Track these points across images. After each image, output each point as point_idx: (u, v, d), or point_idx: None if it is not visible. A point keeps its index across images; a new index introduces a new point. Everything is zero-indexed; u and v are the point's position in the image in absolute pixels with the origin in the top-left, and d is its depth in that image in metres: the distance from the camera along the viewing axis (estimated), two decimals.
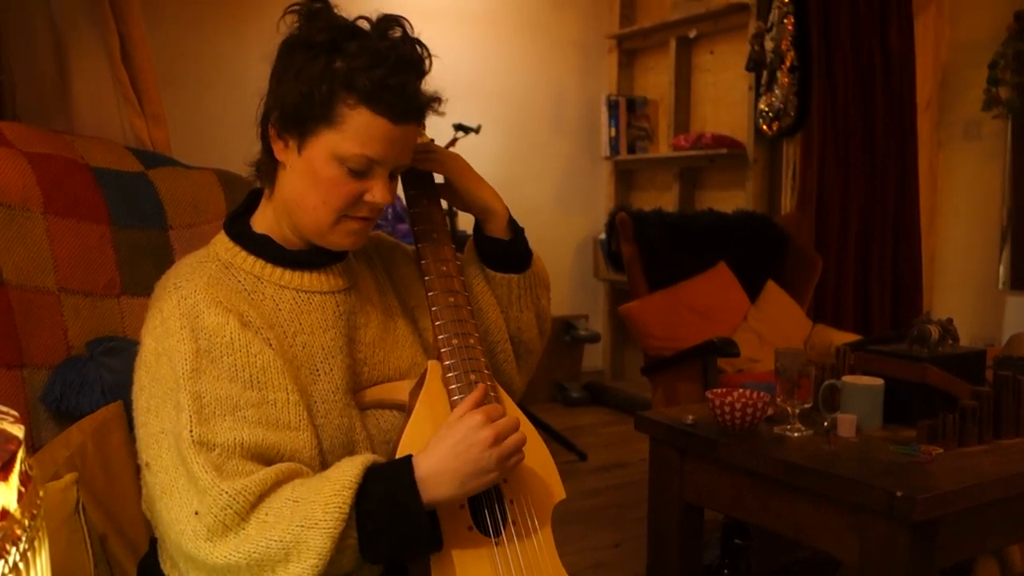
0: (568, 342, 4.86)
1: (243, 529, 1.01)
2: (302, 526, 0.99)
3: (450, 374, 1.16)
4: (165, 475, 1.06)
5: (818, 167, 3.79)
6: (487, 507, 1.10)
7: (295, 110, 1.11)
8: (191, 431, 1.04)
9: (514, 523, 1.11)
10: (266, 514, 1.01)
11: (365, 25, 1.14)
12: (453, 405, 1.14)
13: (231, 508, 1.01)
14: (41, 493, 0.65)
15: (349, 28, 1.13)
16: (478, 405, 1.10)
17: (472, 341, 1.19)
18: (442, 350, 1.18)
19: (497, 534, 1.09)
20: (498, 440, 1.05)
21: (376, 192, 1.14)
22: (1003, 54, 3.77)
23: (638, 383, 4.70)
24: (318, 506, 1.00)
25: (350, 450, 1.16)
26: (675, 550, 1.94)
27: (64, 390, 1.49)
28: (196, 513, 1.02)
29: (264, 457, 1.06)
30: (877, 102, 3.89)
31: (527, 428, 1.18)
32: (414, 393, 1.17)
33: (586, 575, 2.63)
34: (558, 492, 1.16)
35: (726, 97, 4.52)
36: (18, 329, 1.47)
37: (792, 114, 3.81)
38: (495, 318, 1.35)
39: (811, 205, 3.78)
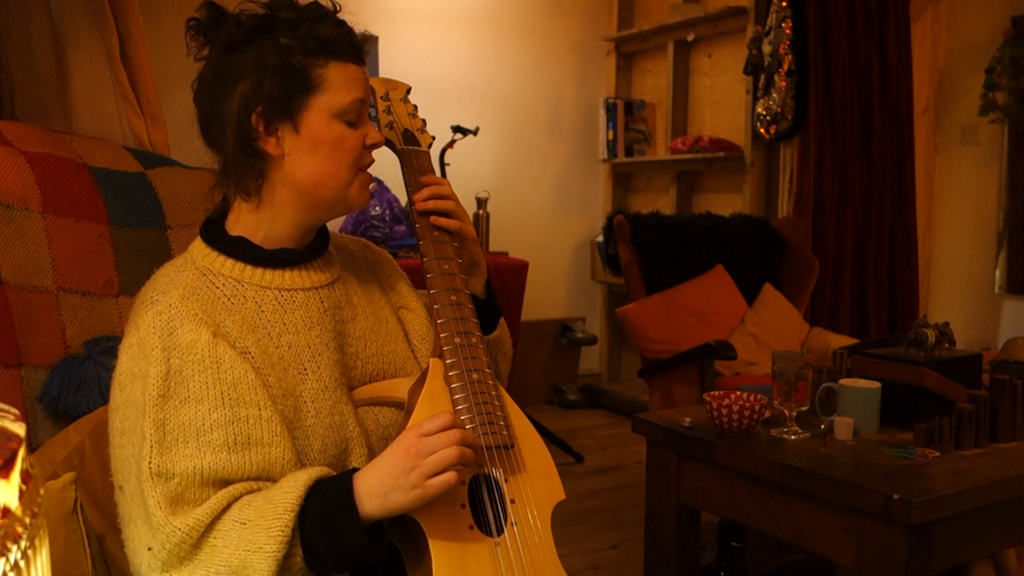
0: (565, 344, 4.86)
1: (196, 556, 1.03)
2: (247, 550, 1.01)
3: (452, 372, 1.16)
4: (131, 502, 1.08)
5: (815, 171, 3.80)
6: (490, 506, 1.10)
7: (281, 94, 1.13)
8: (150, 463, 1.05)
9: (515, 523, 1.10)
10: (215, 538, 1.03)
11: (260, 9, 1.17)
12: (455, 404, 1.14)
13: (185, 543, 1.03)
14: (42, 491, 0.65)
15: (263, 13, 1.15)
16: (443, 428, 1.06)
17: (474, 340, 1.19)
18: (444, 348, 1.18)
19: (498, 533, 1.09)
20: (420, 454, 1.03)
21: (371, 133, 1.20)
22: (1000, 59, 3.79)
23: (635, 386, 4.71)
24: (262, 530, 1.02)
25: (344, 447, 1.16)
26: (672, 552, 1.94)
27: (62, 389, 1.49)
28: (150, 549, 1.04)
29: (225, 482, 1.07)
30: (874, 106, 3.90)
31: (527, 429, 1.18)
32: (414, 391, 1.16)
33: None
34: (558, 493, 1.16)
35: (724, 100, 4.53)
36: (16, 328, 1.47)
37: (789, 118, 3.82)
38: None
39: (808, 209, 3.79)
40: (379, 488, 1.04)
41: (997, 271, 3.98)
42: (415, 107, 1.47)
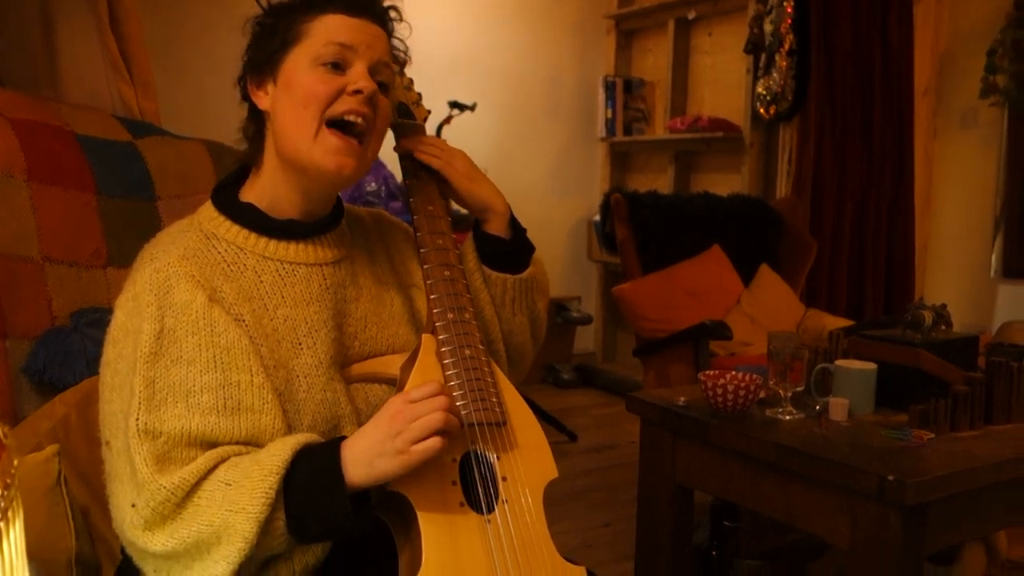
0: (560, 324, 4.85)
1: (180, 516, 1.02)
2: (230, 510, 1.00)
3: (444, 348, 1.14)
4: (118, 459, 1.06)
5: (814, 152, 3.77)
6: (480, 484, 1.09)
7: (263, 49, 1.16)
8: (138, 419, 1.03)
9: (506, 500, 1.09)
10: (200, 498, 1.02)
11: None
12: (447, 380, 1.12)
13: (169, 502, 1.01)
14: (16, 463, 0.63)
15: None
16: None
17: (467, 316, 1.17)
18: (437, 324, 1.16)
19: (489, 511, 1.07)
20: (405, 420, 1.01)
21: (357, 79, 1.13)
22: (1002, 42, 3.75)
23: (629, 365, 4.70)
24: (245, 491, 1.00)
25: (334, 424, 1.14)
26: (665, 531, 1.93)
27: (47, 361, 1.47)
28: (133, 506, 1.02)
29: (213, 444, 1.05)
30: (875, 88, 3.87)
31: (520, 406, 1.16)
32: (406, 367, 1.15)
33: (575, 555, 2.61)
34: (551, 470, 1.15)
35: (724, 79, 4.49)
36: (0, 299, 1.45)
37: (790, 98, 3.79)
38: (490, 317, 1.32)
39: (806, 190, 3.76)
40: (366, 455, 1.02)
41: (993, 255, 3.96)
42: (411, 80, 1.44)
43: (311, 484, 1.02)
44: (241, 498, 0.99)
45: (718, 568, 2.08)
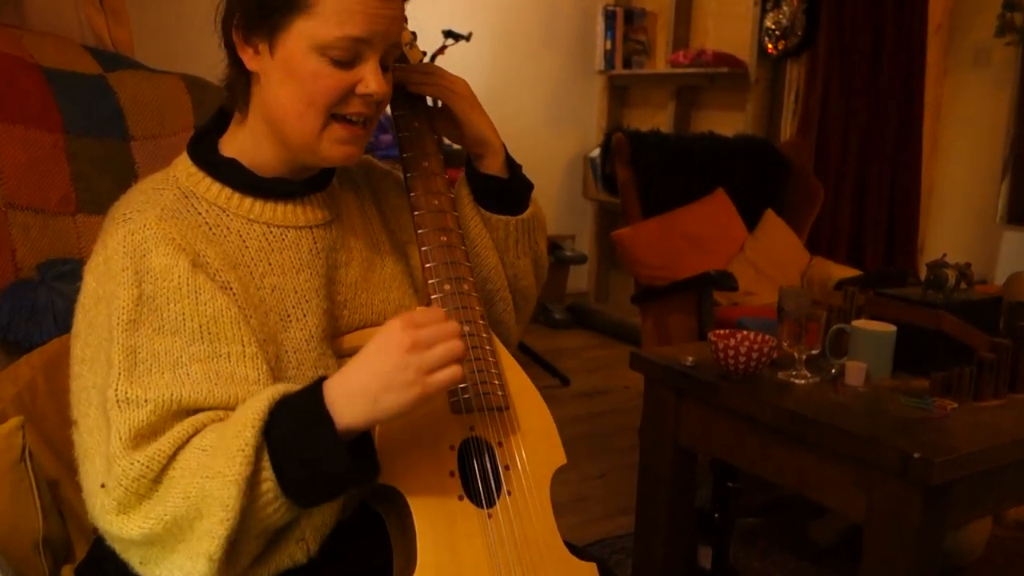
0: (553, 263, 4.74)
1: (155, 492, 0.90)
2: (205, 476, 0.87)
3: None
4: (89, 437, 0.94)
5: (822, 90, 3.63)
6: (480, 474, 0.99)
7: (258, 4, 0.98)
8: (116, 390, 0.91)
9: (509, 492, 1.00)
10: (174, 469, 0.89)
11: None
12: None
13: (144, 477, 0.89)
14: None
15: None
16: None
17: (466, 287, 1.06)
18: (432, 296, 1.05)
19: (490, 504, 0.98)
20: (417, 347, 0.88)
21: (369, 81, 1.00)
22: None
23: (622, 307, 4.62)
24: (220, 453, 0.87)
25: None
26: (666, 494, 1.86)
27: (12, 317, 1.36)
28: (103, 486, 0.90)
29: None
30: (886, 23, 3.71)
31: (524, 385, 1.06)
32: None
33: (569, 509, 2.56)
34: (558, 457, 1.05)
35: (729, 12, 4.31)
36: None
37: (799, 33, 3.63)
38: (495, 264, 1.22)
39: (812, 130, 3.63)
40: (365, 392, 0.89)
41: (1000, 200, 3.86)
42: (405, 18, 1.30)
43: (296, 433, 0.89)
44: (216, 462, 0.87)
45: (720, 530, 2.02)
